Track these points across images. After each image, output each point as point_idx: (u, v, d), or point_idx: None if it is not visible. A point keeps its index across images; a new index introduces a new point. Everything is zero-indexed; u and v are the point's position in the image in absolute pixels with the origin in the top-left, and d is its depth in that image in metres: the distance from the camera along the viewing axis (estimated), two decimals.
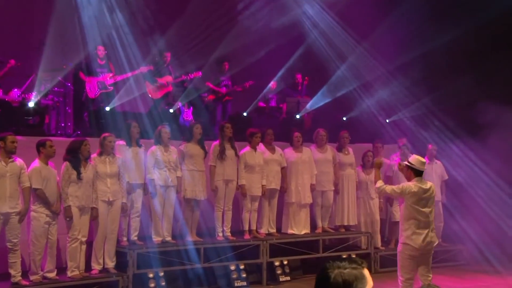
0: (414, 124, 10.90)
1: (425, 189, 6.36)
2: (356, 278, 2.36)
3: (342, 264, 2.40)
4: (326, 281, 2.37)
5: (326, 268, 2.41)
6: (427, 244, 6.34)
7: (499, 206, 10.17)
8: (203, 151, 8.61)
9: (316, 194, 9.55)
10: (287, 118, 10.91)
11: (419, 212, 6.30)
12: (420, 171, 6.41)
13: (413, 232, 6.29)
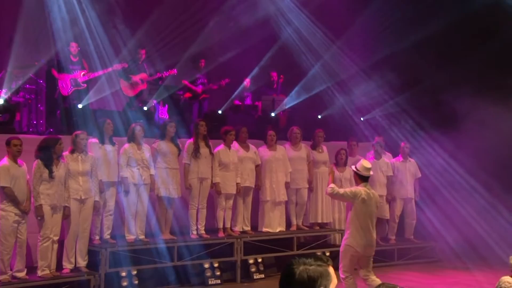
0: (388, 122, 10.93)
1: (371, 196, 6.67)
2: (321, 275, 2.35)
3: (308, 260, 2.39)
4: (291, 277, 2.35)
5: (291, 264, 2.39)
6: (369, 245, 6.66)
7: (470, 203, 10.25)
8: (177, 149, 8.52)
9: (291, 192, 9.52)
10: (262, 116, 10.86)
11: (364, 216, 6.59)
12: (365, 176, 6.67)
13: (357, 233, 6.59)
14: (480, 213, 10.01)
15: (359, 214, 6.60)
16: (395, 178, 10.18)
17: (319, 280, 2.35)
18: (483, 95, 9.54)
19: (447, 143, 10.33)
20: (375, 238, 6.81)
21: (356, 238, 6.58)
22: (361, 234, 6.58)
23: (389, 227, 10.34)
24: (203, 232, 8.71)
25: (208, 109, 10.68)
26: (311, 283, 2.33)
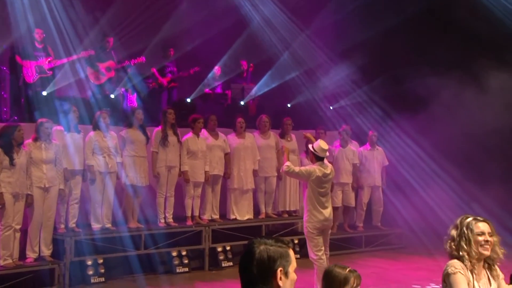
0: (356, 111, 10.91)
1: (326, 173, 6.91)
2: (281, 255, 2.36)
3: (269, 241, 2.40)
4: (251, 256, 2.36)
5: (252, 243, 2.40)
6: (326, 219, 6.91)
7: (435, 191, 10.31)
8: (145, 137, 8.37)
9: (259, 180, 9.45)
10: (232, 105, 10.74)
11: (320, 193, 6.88)
12: (321, 156, 6.93)
13: (315, 210, 6.88)
14: (444, 200, 10.07)
15: (314, 191, 6.87)
16: (363, 166, 10.18)
17: (278, 260, 2.35)
18: (448, 82, 9.56)
19: (414, 132, 10.35)
20: (331, 213, 7.08)
21: (315, 214, 6.86)
22: (319, 210, 6.86)
23: (357, 214, 10.35)
24: (171, 220, 8.59)
25: (177, 98, 10.50)
26: (271, 263, 2.34)
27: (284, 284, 2.38)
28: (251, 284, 2.36)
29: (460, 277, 3.35)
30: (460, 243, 3.42)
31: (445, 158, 10.25)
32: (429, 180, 10.41)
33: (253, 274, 2.35)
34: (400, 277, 8.33)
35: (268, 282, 2.35)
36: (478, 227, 3.45)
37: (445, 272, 3.43)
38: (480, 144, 10.08)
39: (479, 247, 3.41)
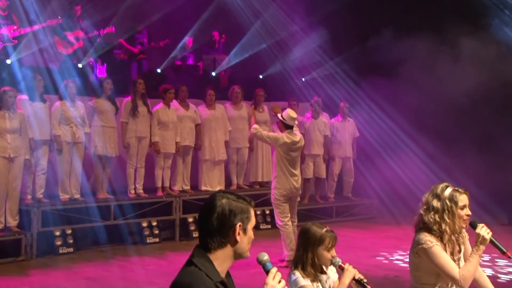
0: (327, 83, 10.82)
1: (295, 141, 6.90)
2: (242, 211, 2.36)
3: (231, 196, 2.40)
4: (212, 208, 2.34)
5: (214, 196, 2.39)
6: (294, 188, 6.91)
7: (404, 162, 10.33)
8: (114, 107, 8.18)
9: (231, 151, 9.35)
10: (203, 76, 10.56)
11: (288, 160, 6.86)
12: (290, 125, 6.92)
13: (283, 178, 6.85)
14: (414, 171, 10.10)
15: (282, 158, 6.85)
16: (334, 137, 10.14)
17: (239, 215, 2.35)
18: (420, 49, 9.46)
19: (385, 103, 10.32)
20: (300, 181, 7.06)
21: (283, 181, 6.84)
22: (287, 176, 6.84)
23: (328, 185, 10.35)
24: (141, 191, 8.47)
25: (147, 68, 10.28)
26: (231, 217, 2.33)
27: (241, 239, 2.37)
28: (209, 236, 2.34)
29: (439, 249, 3.28)
30: (443, 216, 3.30)
31: (416, 129, 10.25)
32: (399, 151, 10.43)
33: (212, 226, 2.33)
34: (369, 245, 8.37)
35: (226, 236, 2.34)
36: (461, 200, 3.32)
37: (420, 247, 3.31)
38: (452, 114, 10.08)
39: (461, 221, 3.33)
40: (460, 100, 9.56)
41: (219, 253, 2.36)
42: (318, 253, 3.30)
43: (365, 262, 7.40)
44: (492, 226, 8.57)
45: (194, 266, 2.32)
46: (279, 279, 2.38)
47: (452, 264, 3.27)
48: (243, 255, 2.42)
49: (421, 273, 3.41)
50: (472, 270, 3.23)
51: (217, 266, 2.35)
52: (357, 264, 7.21)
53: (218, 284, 2.30)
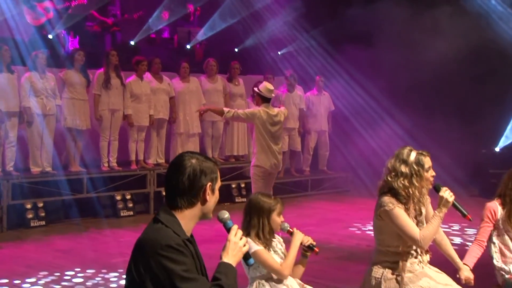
0: (303, 56, 10.73)
1: (272, 115, 6.64)
2: (212, 171, 2.37)
3: (200, 156, 2.39)
4: (182, 167, 2.33)
5: (183, 156, 2.39)
6: (275, 164, 6.72)
7: (379, 135, 10.35)
8: (86, 79, 8.01)
9: (207, 124, 9.25)
10: (178, 49, 10.38)
11: (268, 135, 6.59)
12: (267, 98, 6.66)
13: (263, 154, 6.64)
14: (389, 144, 10.11)
15: (261, 133, 6.62)
16: (309, 111, 10.09)
17: (209, 175, 2.34)
18: (395, 20, 9.38)
19: (360, 77, 10.28)
20: (280, 157, 6.85)
21: (263, 158, 6.62)
22: (267, 153, 6.62)
23: (304, 159, 10.33)
24: (115, 164, 8.35)
25: (121, 41, 10.06)
26: (202, 177, 2.33)
27: (209, 199, 2.37)
28: (179, 195, 2.33)
29: (400, 210, 3.29)
30: (412, 180, 3.30)
31: (391, 102, 10.25)
32: (374, 124, 10.43)
33: (183, 186, 2.32)
34: (343, 217, 8.41)
35: (196, 195, 2.34)
36: (427, 162, 3.34)
37: (382, 209, 3.32)
38: (428, 86, 10.09)
39: (428, 183, 3.36)
40: (435, 71, 9.56)
41: (187, 212, 2.35)
42: (270, 219, 3.40)
43: (338, 232, 7.46)
44: (463, 197, 8.69)
45: (161, 223, 2.31)
46: (240, 236, 2.40)
47: (413, 226, 3.29)
48: (207, 216, 2.42)
49: (384, 236, 3.41)
50: (432, 231, 3.25)
51: (183, 225, 2.34)
52: (331, 235, 7.34)
53: (185, 241, 2.30)
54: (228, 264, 2.34)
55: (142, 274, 2.25)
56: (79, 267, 5.70)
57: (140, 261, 2.25)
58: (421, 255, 3.39)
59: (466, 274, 3.44)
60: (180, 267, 2.22)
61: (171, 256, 2.21)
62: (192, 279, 2.23)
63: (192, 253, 2.32)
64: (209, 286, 2.27)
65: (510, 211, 3.68)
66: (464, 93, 9.98)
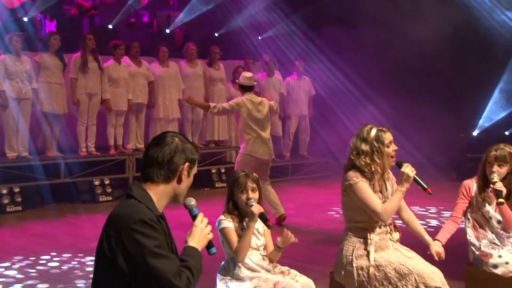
0: (283, 41, 10.66)
1: (256, 103, 6.55)
2: (192, 153, 2.40)
3: (183, 138, 2.42)
4: (165, 142, 2.36)
5: (167, 132, 2.43)
6: (266, 152, 6.55)
7: (360, 120, 10.33)
8: (62, 63, 7.87)
9: (187, 109, 9.16)
10: (157, 33, 10.24)
11: (254, 124, 6.45)
12: (248, 86, 6.59)
13: (252, 143, 6.47)
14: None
15: (248, 122, 6.47)
16: (290, 96, 10.05)
17: (189, 156, 2.37)
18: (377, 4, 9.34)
19: (341, 61, 10.25)
20: (270, 143, 6.69)
21: (252, 145, 6.46)
22: (256, 140, 6.46)
23: (284, 144, 10.30)
24: (93, 149, 8.25)
25: (100, 24, 9.89)
26: (182, 155, 2.35)
27: (184, 180, 2.38)
28: (158, 167, 2.33)
29: (364, 184, 3.32)
30: (373, 157, 3.32)
31: (371, 87, 10.25)
32: (355, 109, 10.43)
33: (163, 158, 2.33)
34: (322, 201, 8.41)
35: (174, 171, 2.35)
36: (387, 137, 3.37)
37: (347, 183, 3.35)
38: (409, 71, 10.08)
39: (390, 159, 3.37)
40: (416, 55, 9.55)
41: (161, 188, 2.35)
42: (236, 195, 3.35)
43: (317, 216, 7.45)
44: (441, 181, 8.72)
45: (134, 199, 2.30)
46: (206, 223, 2.39)
47: (375, 199, 3.30)
48: (178, 198, 2.42)
49: (352, 212, 3.42)
50: (394, 205, 3.28)
51: (156, 202, 2.34)
52: (310, 218, 7.33)
53: (158, 217, 2.28)
54: (195, 248, 2.34)
55: (113, 249, 2.22)
56: (55, 252, 5.62)
57: (112, 235, 2.23)
58: (391, 233, 3.41)
59: (436, 248, 3.45)
60: (153, 242, 2.20)
61: (143, 231, 2.20)
62: (163, 255, 2.21)
63: (165, 230, 2.30)
64: (178, 266, 2.24)
65: (483, 187, 3.69)
66: (445, 78, 10.01)
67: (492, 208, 3.67)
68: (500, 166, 3.60)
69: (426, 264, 3.26)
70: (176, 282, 2.19)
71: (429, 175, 9.71)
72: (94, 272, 2.34)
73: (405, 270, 3.20)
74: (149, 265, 2.18)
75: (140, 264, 2.19)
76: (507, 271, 3.53)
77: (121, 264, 2.21)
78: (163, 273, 2.18)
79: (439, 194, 7.99)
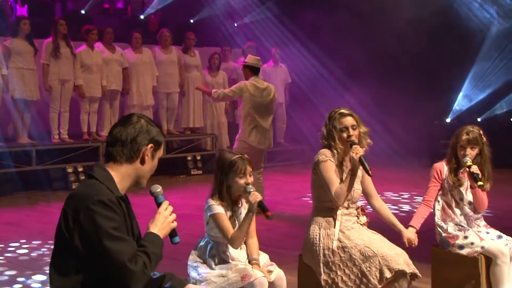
0: (259, 28, 10.57)
1: (261, 89, 6.28)
2: (158, 135, 2.35)
3: (149, 120, 2.37)
4: (130, 122, 2.31)
5: (134, 113, 2.40)
6: (262, 142, 6.34)
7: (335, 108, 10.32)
8: (32, 48, 7.68)
9: (161, 96, 9.04)
10: (132, 19, 10.07)
11: (255, 111, 6.22)
12: (257, 68, 6.35)
13: (250, 129, 6.23)
14: None
15: (249, 108, 6.21)
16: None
17: (154, 138, 2.32)
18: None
19: (316, 48, 10.21)
20: (270, 132, 6.46)
21: (250, 133, 6.25)
22: (254, 128, 6.24)
23: None
24: (66, 136, 8.09)
25: (72, 10, 9.68)
26: (146, 136, 2.30)
27: (147, 162, 2.32)
28: (121, 146, 2.28)
29: (330, 164, 3.31)
30: (328, 140, 3.35)
31: (347, 75, 10.24)
32: (330, 97, 10.41)
33: (126, 137, 2.29)
34: (298, 187, 8.38)
35: (137, 152, 2.30)
36: (341, 122, 3.34)
37: (316, 159, 3.37)
38: (385, 58, 10.08)
39: (343, 143, 3.33)
40: (392, 43, 9.55)
41: (124, 168, 2.29)
42: (231, 180, 3.14)
43: (293, 203, 7.44)
44: (416, 167, 8.73)
45: (95, 179, 2.24)
46: (171, 212, 2.34)
47: (334, 181, 3.28)
48: (141, 181, 2.35)
49: (319, 191, 3.40)
50: (344, 188, 3.25)
51: (118, 182, 2.28)
52: (285, 205, 7.29)
53: (118, 198, 2.22)
54: (156, 234, 2.28)
55: (70, 229, 2.17)
56: (25, 239, 5.49)
57: (70, 215, 2.18)
58: (358, 216, 3.40)
59: (408, 235, 3.43)
60: (110, 223, 2.14)
61: (101, 211, 2.14)
62: (120, 238, 2.15)
63: (124, 213, 2.24)
64: (135, 250, 2.18)
65: (454, 170, 3.68)
66: (420, 65, 10.04)
67: (463, 189, 3.67)
68: (472, 149, 3.61)
69: (391, 246, 3.25)
70: (131, 265, 2.12)
71: (404, 161, 9.84)
72: (53, 252, 2.28)
73: (369, 252, 3.18)
74: (104, 247, 2.12)
75: (96, 245, 2.13)
76: (472, 251, 3.55)
77: (77, 244, 2.16)
78: (118, 255, 2.12)
79: (413, 180, 8.17)
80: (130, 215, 2.31)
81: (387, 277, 3.13)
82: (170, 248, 2.28)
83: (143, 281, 2.18)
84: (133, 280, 2.13)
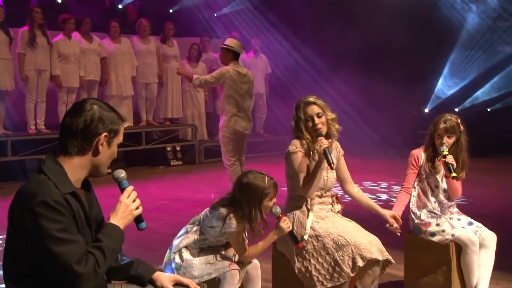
0: (239, 19, 10.47)
1: (242, 74, 6.25)
2: (112, 122, 2.17)
3: (104, 105, 2.19)
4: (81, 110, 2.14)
5: (87, 99, 2.21)
6: (249, 126, 6.32)
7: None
8: (7, 37, 7.50)
9: (140, 86, 8.92)
10: (110, 9, 9.89)
11: (239, 95, 6.20)
12: (237, 53, 6.27)
13: (234, 116, 6.21)
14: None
15: (231, 93, 6.15)
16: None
17: (108, 126, 2.15)
18: None
19: (296, 39, 10.15)
20: (251, 118, 6.44)
21: (235, 118, 6.18)
22: (238, 113, 6.18)
23: None
24: (43, 127, 7.93)
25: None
26: (99, 124, 2.13)
27: (103, 151, 2.17)
28: (71, 138, 2.12)
29: (300, 156, 3.26)
30: (297, 131, 3.32)
31: (327, 66, 10.19)
32: (310, 88, 10.36)
33: (76, 128, 2.11)
34: (277, 177, 8.12)
35: (89, 143, 2.13)
36: (306, 112, 3.30)
37: (287, 150, 3.33)
38: (366, 49, 10.05)
39: (312, 132, 3.28)
40: (374, 34, 9.52)
41: (76, 160, 2.13)
42: (261, 206, 3.05)
43: None
44: (394, 158, 8.71)
45: (44, 174, 2.08)
46: (133, 198, 2.20)
47: (302, 173, 3.23)
48: (100, 170, 2.19)
49: (292, 181, 3.36)
50: (311, 181, 3.19)
51: (70, 174, 2.11)
52: None
53: (66, 195, 2.05)
54: (115, 226, 2.14)
55: (15, 228, 2.04)
56: None
57: (15, 212, 2.04)
58: (333, 204, 3.36)
59: (392, 213, 3.40)
60: (54, 226, 1.98)
61: (45, 213, 1.98)
62: (65, 240, 1.99)
63: (74, 211, 2.07)
64: (83, 250, 2.03)
65: (431, 157, 3.66)
66: (399, 57, 10.04)
67: (439, 177, 3.65)
68: (449, 137, 3.58)
69: (364, 235, 3.21)
70: (79, 268, 1.99)
71: (382, 151, 9.84)
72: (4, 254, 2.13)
73: (342, 241, 3.14)
74: (48, 251, 1.98)
75: (39, 248, 1.99)
76: (443, 238, 3.54)
77: (22, 245, 2.02)
78: (64, 259, 1.98)
79: (391, 170, 8.17)
80: (84, 209, 2.15)
81: (360, 265, 3.10)
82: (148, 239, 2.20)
83: (95, 281, 2.05)
84: (82, 283, 2.00)
